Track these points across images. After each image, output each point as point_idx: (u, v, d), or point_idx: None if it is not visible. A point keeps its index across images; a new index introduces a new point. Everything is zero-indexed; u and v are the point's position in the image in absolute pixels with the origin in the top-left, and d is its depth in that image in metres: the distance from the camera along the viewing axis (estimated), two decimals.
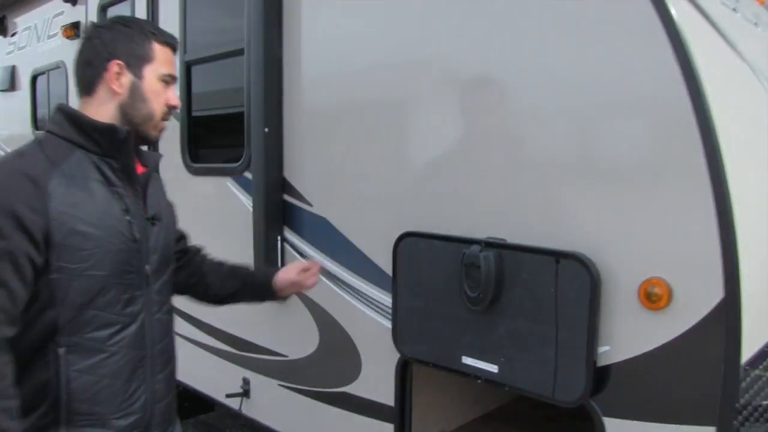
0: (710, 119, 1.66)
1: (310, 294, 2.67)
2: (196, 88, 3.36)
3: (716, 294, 1.70)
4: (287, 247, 2.79)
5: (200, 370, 3.38)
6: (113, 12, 4.06)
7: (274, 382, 2.96)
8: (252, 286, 2.17)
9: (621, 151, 1.84)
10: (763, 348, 1.93)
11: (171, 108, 1.77)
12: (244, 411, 3.13)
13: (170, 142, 3.46)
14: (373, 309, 2.47)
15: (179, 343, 2.03)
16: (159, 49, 1.73)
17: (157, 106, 1.73)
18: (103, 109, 1.69)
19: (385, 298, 2.41)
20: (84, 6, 4.37)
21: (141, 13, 3.68)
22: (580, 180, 1.91)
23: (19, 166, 1.58)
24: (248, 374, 3.10)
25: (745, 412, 1.75)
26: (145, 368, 1.75)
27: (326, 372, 2.71)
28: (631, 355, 1.85)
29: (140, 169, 1.77)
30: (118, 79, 1.68)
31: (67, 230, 1.57)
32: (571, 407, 1.94)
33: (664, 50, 1.71)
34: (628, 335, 1.84)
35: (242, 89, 2.95)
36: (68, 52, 4.57)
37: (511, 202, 2.06)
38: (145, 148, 1.86)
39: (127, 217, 1.68)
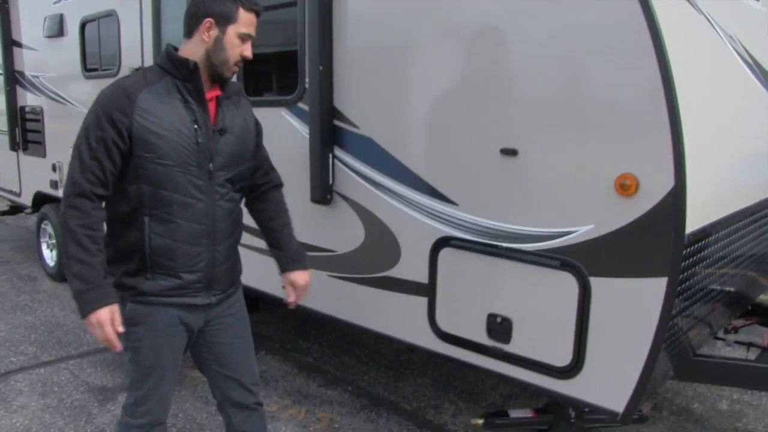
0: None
1: (357, 199, 3.41)
2: None
3: (668, 184, 2.41)
4: (337, 162, 3.49)
5: (251, 268, 4.11)
6: None
7: (324, 274, 3.69)
8: (275, 253, 2.85)
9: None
10: (704, 226, 2.67)
11: (244, 58, 2.40)
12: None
13: None
14: (410, 207, 3.20)
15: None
16: (243, 14, 2.35)
17: (231, 56, 2.35)
18: (194, 50, 2.35)
19: (419, 197, 3.14)
20: None
21: None
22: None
23: (122, 83, 2.32)
24: None
25: (689, 270, 2.51)
26: (208, 238, 2.42)
27: (370, 261, 3.44)
28: (609, 230, 2.57)
29: (216, 93, 2.42)
30: (207, 32, 2.32)
31: (144, 129, 2.25)
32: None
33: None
34: (607, 216, 2.56)
35: (294, 32, 3.63)
36: (120, 1, 5.21)
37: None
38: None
39: (195, 126, 2.33)
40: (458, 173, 3.01)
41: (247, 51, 2.40)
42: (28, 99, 6.99)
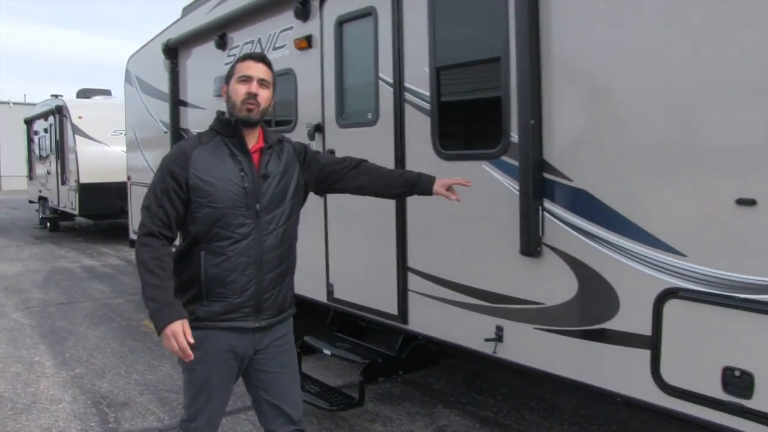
0: None
1: (570, 251, 3.55)
2: (444, 87, 4.29)
3: None
4: (547, 215, 3.65)
5: (452, 323, 4.30)
6: (350, 28, 5.05)
7: (530, 327, 3.82)
8: (414, 184, 3.48)
9: None
10: None
11: (249, 95, 2.94)
12: (499, 354, 4.02)
13: (418, 134, 4.42)
14: (630, 258, 3.30)
15: (431, 302, 3.75)
16: (239, 65, 3.01)
17: (237, 98, 2.95)
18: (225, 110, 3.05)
19: (641, 248, 3.25)
20: (316, 20, 5.38)
21: (385, 27, 4.65)
22: None
23: (182, 145, 3.01)
24: (502, 322, 3.99)
25: None
26: (255, 268, 2.94)
27: (583, 313, 3.55)
28: None
29: (260, 145, 3.05)
30: (224, 93, 3.06)
31: (198, 180, 2.88)
32: None
33: None
34: None
35: (495, 86, 3.88)
36: (297, 61, 5.63)
37: None
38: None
39: (242, 174, 2.93)
40: (687, 224, 3.10)
41: (252, 88, 2.96)
42: None
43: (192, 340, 2.77)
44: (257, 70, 2.99)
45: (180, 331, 2.75)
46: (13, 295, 10.05)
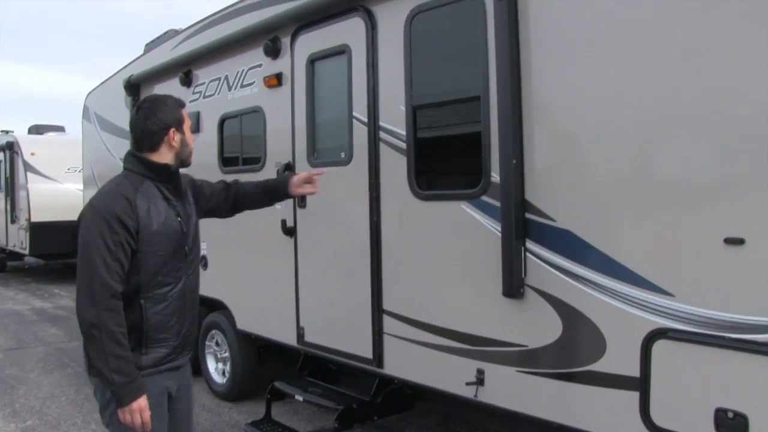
0: None
1: (554, 292, 3.50)
2: (421, 126, 4.25)
3: None
4: (529, 255, 3.61)
5: (430, 367, 4.21)
6: (323, 65, 5.01)
7: (512, 369, 3.75)
8: (275, 190, 3.70)
9: None
10: None
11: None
12: (480, 398, 3.93)
13: (394, 173, 4.36)
14: (616, 299, 3.26)
15: (407, 345, 3.82)
16: (184, 112, 3.07)
17: (191, 148, 3.10)
18: (164, 157, 2.97)
19: (627, 289, 3.21)
20: (287, 58, 5.32)
21: (359, 65, 4.61)
22: None
23: (118, 190, 2.84)
24: (483, 365, 3.91)
25: None
26: (185, 310, 3.03)
27: (568, 355, 3.50)
28: None
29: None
30: (173, 139, 2.98)
31: (146, 229, 2.82)
32: None
33: None
34: None
35: (474, 126, 3.85)
36: (267, 98, 5.56)
37: None
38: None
39: (179, 219, 2.98)
40: (674, 263, 3.08)
41: (192, 138, 3.14)
42: None
43: (149, 412, 2.80)
44: None
45: (146, 406, 2.76)
46: None
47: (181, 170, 3.11)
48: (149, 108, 2.99)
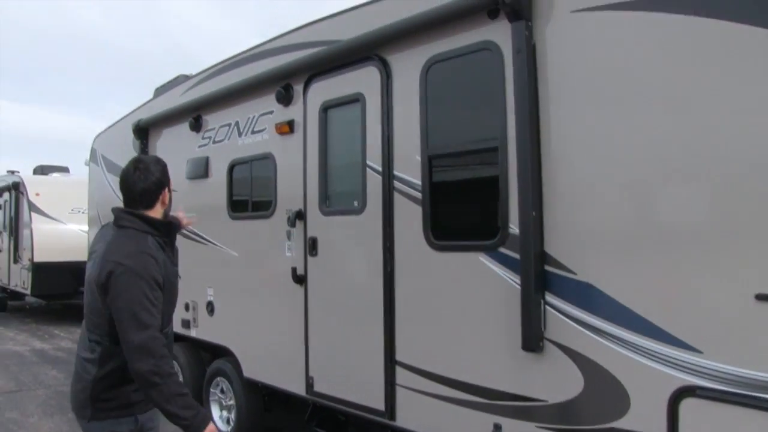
0: None
1: (575, 346, 3.42)
2: (437, 176, 4.21)
3: None
4: (549, 309, 3.54)
5: (445, 420, 4.10)
6: (336, 113, 4.99)
7: (531, 425, 3.65)
8: None
9: None
10: None
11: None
12: None
13: (409, 223, 4.31)
14: (641, 354, 3.18)
15: (421, 397, 3.97)
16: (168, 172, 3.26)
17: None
18: (156, 213, 3.15)
19: (652, 345, 3.13)
20: (299, 105, 5.31)
21: (374, 114, 4.59)
22: None
23: (145, 250, 3.00)
24: (500, 420, 3.81)
25: None
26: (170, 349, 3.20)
27: (590, 411, 3.40)
28: None
29: None
30: (165, 197, 3.19)
31: (167, 282, 3.06)
32: None
33: None
34: None
35: (490, 179, 3.81)
36: (278, 145, 5.53)
37: None
38: None
39: (176, 269, 3.25)
40: (703, 319, 3.00)
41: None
42: None
43: None
44: None
45: (215, 429, 2.97)
46: None
47: None
48: (146, 168, 3.14)
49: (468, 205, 4.24)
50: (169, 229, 3.22)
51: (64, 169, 18.90)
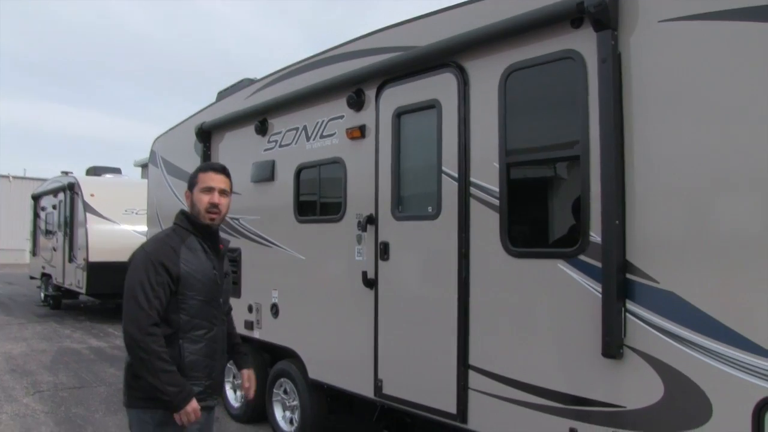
0: None
1: (656, 354, 3.49)
2: (515, 183, 4.32)
3: None
4: (629, 316, 3.61)
5: (519, 424, 4.20)
6: (410, 119, 5.12)
7: (608, 430, 3.73)
8: (232, 354, 3.96)
9: None
10: None
11: (212, 204, 3.44)
12: None
13: (485, 230, 4.41)
14: (725, 363, 3.24)
15: (494, 401, 4.06)
16: (201, 175, 3.49)
17: (200, 207, 3.44)
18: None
19: (737, 354, 3.20)
20: (370, 110, 5.46)
21: (450, 120, 4.71)
22: None
23: (165, 240, 3.39)
24: (576, 424, 3.89)
25: None
26: (216, 354, 3.49)
27: (670, 419, 3.47)
28: None
29: (220, 246, 3.59)
30: (187, 199, 3.52)
31: (186, 275, 3.32)
32: None
33: None
34: None
35: (573, 185, 3.90)
36: (348, 149, 5.68)
37: None
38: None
39: (215, 271, 3.47)
40: None
41: (214, 199, 3.45)
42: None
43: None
44: (218, 181, 3.48)
45: (197, 406, 3.28)
46: (21, 377, 9.82)
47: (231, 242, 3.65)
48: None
49: (547, 212, 4.34)
50: (206, 231, 3.49)
51: (116, 171, 19.40)
